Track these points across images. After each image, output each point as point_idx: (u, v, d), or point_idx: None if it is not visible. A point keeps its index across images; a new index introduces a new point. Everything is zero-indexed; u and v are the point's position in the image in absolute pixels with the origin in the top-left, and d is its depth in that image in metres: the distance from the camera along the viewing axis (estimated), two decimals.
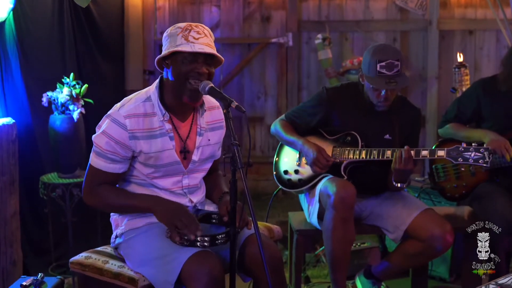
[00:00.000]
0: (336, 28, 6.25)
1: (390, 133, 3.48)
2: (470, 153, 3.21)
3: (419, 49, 6.26)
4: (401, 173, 3.30)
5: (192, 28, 2.68)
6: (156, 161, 2.73)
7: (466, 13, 6.22)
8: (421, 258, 3.44)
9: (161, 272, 2.61)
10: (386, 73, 3.31)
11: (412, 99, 6.24)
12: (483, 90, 3.74)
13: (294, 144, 3.58)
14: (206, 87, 2.65)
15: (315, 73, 6.31)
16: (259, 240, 2.42)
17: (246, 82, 6.41)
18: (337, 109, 3.52)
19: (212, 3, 6.33)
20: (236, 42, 6.33)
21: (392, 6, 6.24)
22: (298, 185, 3.58)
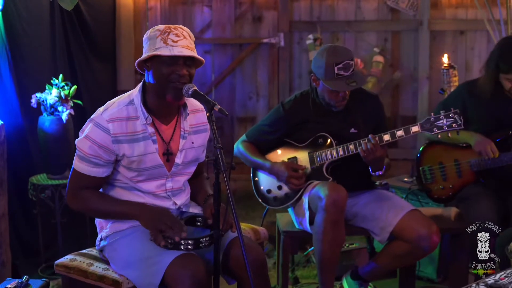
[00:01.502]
0: (328, 28, 6.26)
1: (354, 126, 3.51)
2: (442, 120, 3.29)
3: (410, 50, 6.27)
4: (373, 162, 3.35)
5: (171, 30, 2.68)
6: (139, 165, 2.74)
7: (457, 13, 6.23)
8: (408, 259, 3.45)
9: (144, 275, 2.61)
10: (344, 74, 3.34)
11: (403, 99, 6.34)
12: (468, 92, 3.75)
13: (262, 167, 3.60)
14: (189, 90, 2.65)
15: (306, 73, 6.31)
16: (241, 243, 2.43)
17: (238, 82, 6.42)
18: (297, 120, 3.56)
19: (204, 3, 6.33)
20: (228, 42, 6.34)
21: (383, 7, 6.25)
22: (286, 200, 3.58)
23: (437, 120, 3.29)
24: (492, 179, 3.68)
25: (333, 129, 3.52)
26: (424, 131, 3.31)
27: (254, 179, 3.71)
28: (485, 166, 3.65)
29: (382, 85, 6.18)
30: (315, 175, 3.52)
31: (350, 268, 3.72)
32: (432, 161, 3.80)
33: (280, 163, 3.53)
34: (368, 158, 3.32)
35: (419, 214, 3.37)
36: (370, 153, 3.30)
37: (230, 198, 2.44)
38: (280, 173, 3.51)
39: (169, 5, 6.31)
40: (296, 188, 3.51)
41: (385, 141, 3.35)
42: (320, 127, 3.54)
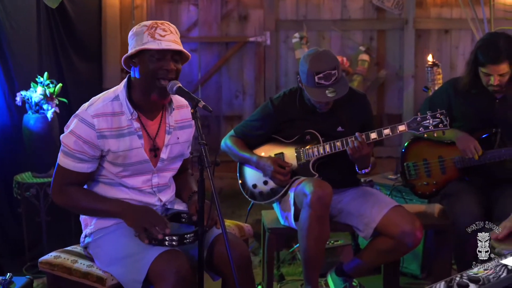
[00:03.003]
0: (314, 27, 6.27)
1: (341, 124, 3.53)
2: (428, 120, 3.32)
3: (395, 48, 6.30)
4: (360, 160, 3.37)
5: (158, 25, 2.69)
6: (125, 160, 2.75)
7: (442, 12, 6.27)
8: (392, 255, 3.47)
9: (129, 271, 2.62)
10: (324, 83, 3.36)
11: (388, 98, 6.37)
12: (453, 89, 3.78)
13: (248, 161, 3.62)
14: (174, 87, 2.66)
15: (292, 71, 6.33)
16: (226, 239, 2.44)
17: (224, 80, 6.42)
18: (285, 117, 3.58)
19: (190, 2, 6.33)
20: (214, 41, 6.34)
21: (369, 6, 6.28)
22: (271, 195, 3.59)
23: (423, 120, 3.32)
24: (475, 176, 3.71)
25: (320, 126, 3.54)
26: (411, 130, 3.34)
27: (241, 173, 3.72)
28: (469, 163, 3.68)
29: (368, 84, 6.22)
30: (302, 172, 3.53)
31: (335, 264, 3.74)
32: (417, 157, 3.83)
33: (266, 158, 3.55)
34: (354, 156, 3.35)
35: (403, 210, 3.40)
36: (356, 151, 3.32)
37: (214, 195, 2.45)
38: (266, 168, 3.52)
39: (155, 3, 6.31)
40: (281, 184, 3.52)
41: (371, 139, 3.38)
42: (307, 124, 3.56)
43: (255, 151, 3.66)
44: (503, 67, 3.52)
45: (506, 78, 3.56)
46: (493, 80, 3.54)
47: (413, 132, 3.35)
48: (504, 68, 3.52)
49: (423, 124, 3.32)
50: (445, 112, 3.29)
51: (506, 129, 3.65)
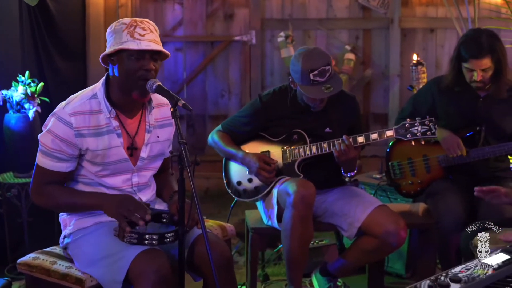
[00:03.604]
0: (299, 26, 6.26)
1: (330, 126, 3.51)
2: (416, 127, 3.29)
3: (381, 47, 6.29)
4: (346, 163, 3.35)
5: (137, 24, 2.66)
6: (104, 159, 2.71)
7: (427, 11, 6.27)
8: (376, 254, 3.46)
9: (108, 272, 2.59)
10: (320, 80, 3.33)
11: (374, 97, 6.36)
12: (437, 88, 3.76)
13: (234, 157, 3.59)
14: (153, 86, 2.63)
15: (278, 71, 6.32)
16: (206, 239, 2.42)
17: (210, 80, 6.40)
18: (274, 114, 3.55)
19: (175, 1, 6.30)
20: (199, 40, 6.32)
21: (354, 5, 6.27)
22: (255, 193, 3.56)
23: (412, 126, 3.29)
24: (460, 175, 3.70)
25: (308, 127, 3.51)
26: (399, 136, 3.32)
27: (226, 170, 3.69)
28: (453, 162, 3.67)
29: (354, 83, 6.21)
30: (287, 171, 3.51)
31: (320, 264, 3.73)
32: (401, 156, 3.82)
33: (252, 154, 3.52)
34: (341, 159, 3.32)
35: (387, 210, 3.38)
36: (343, 154, 3.30)
37: (194, 194, 2.43)
38: (251, 164, 3.50)
39: (140, 2, 6.27)
40: (265, 181, 3.49)
41: (359, 143, 3.35)
42: (295, 124, 3.53)
43: (242, 147, 3.63)
44: (486, 62, 3.51)
45: (489, 74, 3.55)
46: (476, 75, 3.54)
47: (401, 138, 3.32)
48: (486, 63, 3.51)
49: (411, 130, 3.30)
50: (434, 119, 3.27)
51: (489, 127, 3.64)
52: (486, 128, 3.64)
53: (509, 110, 3.65)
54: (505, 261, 2.12)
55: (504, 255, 2.19)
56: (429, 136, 3.28)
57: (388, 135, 3.34)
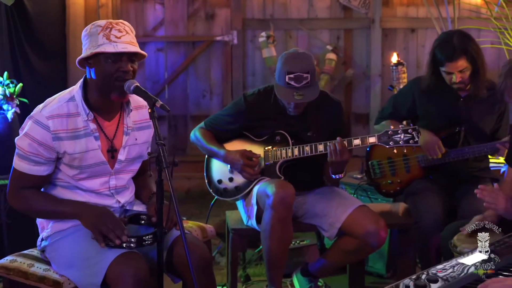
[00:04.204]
0: (281, 26, 6.27)
1: (312, 130, 3.50)
2: (399, 135, 3.28)
3: (362, 47, 6.31)
4: (338, 164, 3.34)
5: (113, 26, 2.64)
6: (81, 162, 2.69)
7: (408, 11, 6.30)
8: (357, 255, 3.46)
9: (86, 275, 2.57)
10: (294, 85, 3.31)
11: (356, 96, 6.38)
12: (418, 88, 3.76)
13: (216, 155, 3.57)
14: (131, 87, 2.61)
15: (260, 71, 6.32)
16: (184, 241, 2.41)
17: (191, 80, 6.38)
18: (257, 115, 3.53)
19: (156, 1, 6.29)
20: (181, 40, 6.31)
21: (336, 5, 6.28)
22: (235, 193, 3.55)
23: (395, 134, 3.28)
24: (439, 175, 3.72)
25: (291, 129, 3.50)
26: (381, 143, 3.31)
27: (207, 168, 3.67)
28: (433, 161, 3.68)
29: (335, 83, 6.22)
30: (268, 172, 3.49)
31: (301, 264, 3.73)
32: (381, 155, 3.82)
33: (235, 152, 3.50)
34: (334, 159, 3.29)
35: (367, 210, 3.39)
36: (337, 155, 3.28)
37: (173, 196, 2.41)
38: (235, 161, 3.47)
39: (120, 2, 6.24)
40: (250, 178, 3.48)
41: (354, 145, 3.33)
42: (278, 125, 3.51)
43: (224, 146, 3.60)
44: (461, 63, 3.52)
45: (467, 74, 3.57)
46: (455, 77, 3.55)
47: (383, 144, 3.32)
48: (462, 64, 3.53)
49: (394, 138, 3.28)
50: (417, 128, 3.27)
51: (469, 127, 3.66)
52: (466, 128, 3.66)
53: (488, 110, 3.67)
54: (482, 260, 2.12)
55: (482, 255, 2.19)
56: (411, 145, 3.26)
57: (370, 142, 3.33)
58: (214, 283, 2.79)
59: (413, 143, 3.25)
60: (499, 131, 3.70)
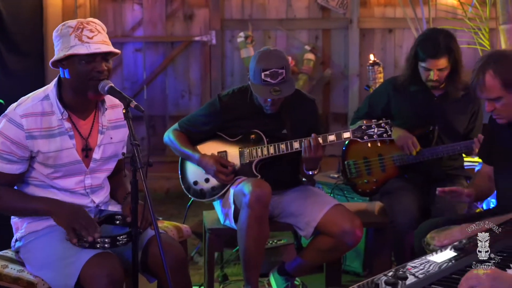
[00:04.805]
0: (259, 26, 6.29)
1: (287, 128, 3.52)
2: (373, 129, 3.32)
3: (340, 47, 6.35)
4: (311, 160, 3.37)
5: (84, 26, 2.63)
6: (55, 161, 2.68)
7: (385, 12, 6.35)
8: (333, 253, 3.49)
9: (60, 275, 2.56)
10: (270, 81, 3.33)
11: (334, 96, 6.41)
12: (393, 87, 3.80)
13: (190, 158, 3.57)
14: (105, 87, 2.61)
15: (238, 71, 6.34)
16: (159, 241, 2.41)
17: (170, 80, 6.39)
18: (232, 115, 3.54)
19: (134, 1, 6.29)
20: (159, 40, 6.31)
21: (314, 5, 6.32)
22: (212, 193, 3.56)
23: (368, 128, 3.32)
24: (414, 174, 3.75)
25: (266, 128, 3.52)
26: (355, 138, 3.35)
27: (182, 169, 3.67)
28: (408, 161, 3.72)
29: (313, 83, 6.25)
30: (244, 172, 3.51)
31: (278, 264, 3.74)
32: (357, 155, 3.85)
33: (209, 157, 3.51)
34: (308, 156, 3.32)
35: (343, 209, 3.41)
36: (311, 151, 3.30)
37: (147, 196, 2.42)
38: (208, 167, 3.49)
39: (98, 2, 6.23)
40: (223, 182, 3.49)
41: (329, 141, 3.36)
42: (253, 124, 3.53)
43: (198, 147, 3.61)
44: (442, 62, 3.56)
45: (445, 73, 3.61)
46: (432, 75, 3.58)
47: (357, 139, 3.35)
48: (443, 63, 3.57)
49: (368, 132, 3.33)
50: (390, 122, 3.31)
51: (443, 126, 3.70)
52: (440, 127, 3.70)
53: (462, 109, 3.72)
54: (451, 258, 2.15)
55: (452, 252, 2.22)
56: (385, 138, 3.32)
57: (345, 137, 3.37)
58: (189, 282, 2.80)
59: (386, 136, 3.30)
60: (473, 131, 3.74)
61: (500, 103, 2.81)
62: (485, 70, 2.79)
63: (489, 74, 2.77)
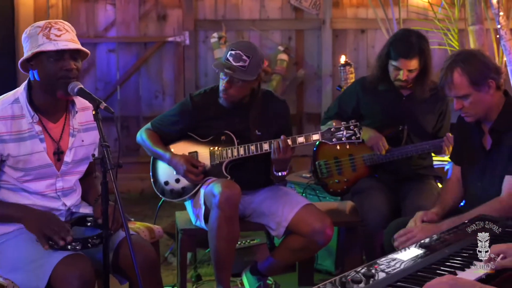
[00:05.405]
0: (233, 27, 6.31)
1: (258, 128, 3.54)
2: (342, 132, 3.34)
3: (313, 48, 6.40)
4: (281, 162, 3.40)
5: (52, 25, 2.63)
6: (26, 164, 2.68)
7: (357, 12, 6.41)
8: (304, 253, 3.52)
9: (31, 278, 2.55)
10: (231, 61, 3.36)
11: (307, 97, 6.45)
12: (362, 88, 3.85)
13: (162, 158, 3.58)
14: (75, 89, 2.61)
15: (212, 71, 6.31)
16: (129, 242, 2.42)
17: (144, 81, 6.37)
18: (204, 115, 3.55)
19: (107, 1, 6.26)
20: (132, 41, 6.30)
21: (287, 6, 6.35)
22: (182, 193, 3.56)
23: (337, 131, 3.34)
24: (384, 173, 3.80)
25: (237, 128, 3.53)
26: (324, 140, 3.37)
27: (153, 169, 3.67)
28: (378, 160, 3.76)
29: (287, 83, 6.29)
30: (214, 173, 3.52)
31: (251, 263, 3.76)
32: (328, 155, 3.88)
33: (180, 156, 3.51)
34: (278, 157, 3.35)
35: (314, 209, 3.44)
36: (280, 153, 3.33)
37: (118, 197, 2.42)
38: (178, 166, 3.49)
39: (71, 2, 6.19)
40: (193, 182, 3.50)
41: (298, 143, 3.38)
42: (224, 125, 3.54)
43: (170, 147, 3.61)
44: (414, 63, 3.61)
45: (414, 74, 3.65)
46: (402, 74, 3.63)
47: (326, 141, 3.37)
48: (414, 64, 3.61)
49: (337, 135, 3.34)
50: (359, 124, 3.33)
51: (412, 126, 3.75)
52: (409, 126, 3.75)
53: (430, 109, 3.77)
54: (417, 255, 2.19)
55: (418, 250, 2.26)
56: (354, 141, 3.33)
57: (314, 139, 3.39)
58: (160, 283, 2.81)
59: (355, 139, 3.32)
60: (441, 130, 3.80)
61: (468, 101, 2.86)
62: (453, 68, 2.84)
63: (457, 72, 2.83)
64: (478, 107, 2.88)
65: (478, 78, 2.83)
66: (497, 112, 2.92)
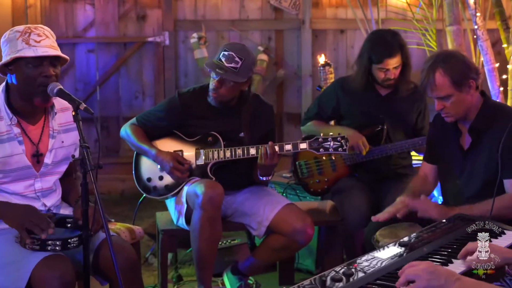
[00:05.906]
0: (212, 27, 6.31)
1: (244, 131, 3.54)
2: (329, 143, 3.36)
3: (293, 48, 6.41)
4: (266, 168, 3.40)
5: (32, 30, 2.62)
6: (4, 166, 2.66)
7: (337, 13, 6.43)
8: (285, 252, 3.54)
9: (10, 279, 2.54)
10: (223, 61, 3.37)
11: (287, 97, 6.47)
12: (341, 88, 3.87)
13: (147, 153, 3.55)
14: (54, 89, 2.60)
15: (192, 72, 6.34)
16: (109, 243, 2.41)
17: (123, 81, 6.35)
18: (191, 113, 3.54)
19: (86, 1, 6.23)
20: (112, 41, 6.27)
21: (266, 6, 6.36)
22: (165, 191, 3.55)
23: (325, 141, 3.36)
24: (364, 172, 3.82)
25: (223, 129, 3.53)
26: (311, 149, 3.38)
27: (136, 164, 3.64)
28: (358, 160, 3.78)
29: (267, 83, 6.30)
30: (199, 173, 3.51)
31: (232, 263, 3.77)
32: (308, 155, 3.89)
33: (166, 153, 3.50)
34: (264, 163, 3.35)
35: (295, 208, 3.46)
36: (267, 159, 3.33)
37: (98, 198, 2.42)
38: (164, 163, 3.47)
39: (49, 2, 6.16)
40: (178, 180, 3.50)
41: (285, 150, 3.40)
42: (211, 125, 3.53)
43: (154, 143, 3.59)
44: (397, 60, 3.66)
45: (399, 70, 3.71)
46: (390, 74, 3.67)
47: (313, 151, 3.39)
48: (398, 60, 3.66)
49: (324, 145, 3.36)
50: (346, 137, 3.36)
51: (391, 125, 3.78)
52: (388, 126, 3.78)
53: (408, 108, 3.81)
54: (397, 254, 2.21)
55: (397, 248, 2.28)
56: (340, 152, 3.36)
57: (301, 148, 3.40)
58: (141, 284, 2.81)
59: (342, 151, 3.34)
60: (423, 130, 3.83)
61: (450, 101, 2.89)
62: (435, 69, 2.87)
63: (439, 73, 2.86)
64: (459, 107, 2.91)
65: (460, 79, 2.86)
66: (475, 112, 2.95)
